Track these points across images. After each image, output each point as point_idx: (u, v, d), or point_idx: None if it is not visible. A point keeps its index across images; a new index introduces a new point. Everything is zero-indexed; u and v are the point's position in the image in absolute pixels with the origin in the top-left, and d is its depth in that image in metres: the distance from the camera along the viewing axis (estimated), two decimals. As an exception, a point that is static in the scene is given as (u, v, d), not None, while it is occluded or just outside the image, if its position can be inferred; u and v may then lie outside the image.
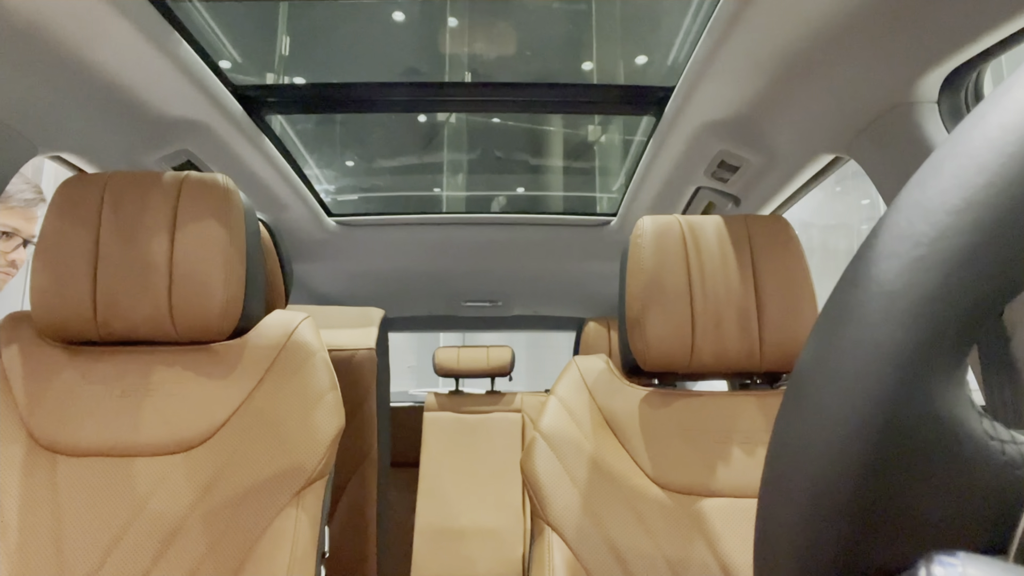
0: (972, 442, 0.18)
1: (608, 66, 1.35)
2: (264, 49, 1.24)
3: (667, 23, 1.16)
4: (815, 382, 0.19)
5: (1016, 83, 0.18)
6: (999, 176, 0.17)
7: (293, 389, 0.71)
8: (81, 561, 0.62)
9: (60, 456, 0.67)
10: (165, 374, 0.71)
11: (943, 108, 0.72)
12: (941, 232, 0.18)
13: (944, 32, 0.63)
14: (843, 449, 0.18)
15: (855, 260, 0.20)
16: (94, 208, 0.71)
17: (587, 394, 0.79)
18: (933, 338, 0.17)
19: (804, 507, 0.19)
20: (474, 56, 1.30)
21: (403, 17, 1.23)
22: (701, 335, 0.75)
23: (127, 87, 0.88)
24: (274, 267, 0.89)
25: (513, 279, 1.95)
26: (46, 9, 0.70)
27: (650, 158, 1.20)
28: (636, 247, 0.80)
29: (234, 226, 0.72)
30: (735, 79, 0.86)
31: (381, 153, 1.84)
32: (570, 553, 0.68)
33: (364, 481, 0.89)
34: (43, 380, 0.70)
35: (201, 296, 0.70)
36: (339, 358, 0.85)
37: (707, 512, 0.71)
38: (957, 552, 0.17)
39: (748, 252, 0.78)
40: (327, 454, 0.69)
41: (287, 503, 0.65)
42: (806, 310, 0.76)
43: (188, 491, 0.65)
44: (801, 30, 0.72)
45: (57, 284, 0.69)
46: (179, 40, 0.84)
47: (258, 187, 1.30)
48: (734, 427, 0.76)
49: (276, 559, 0.62)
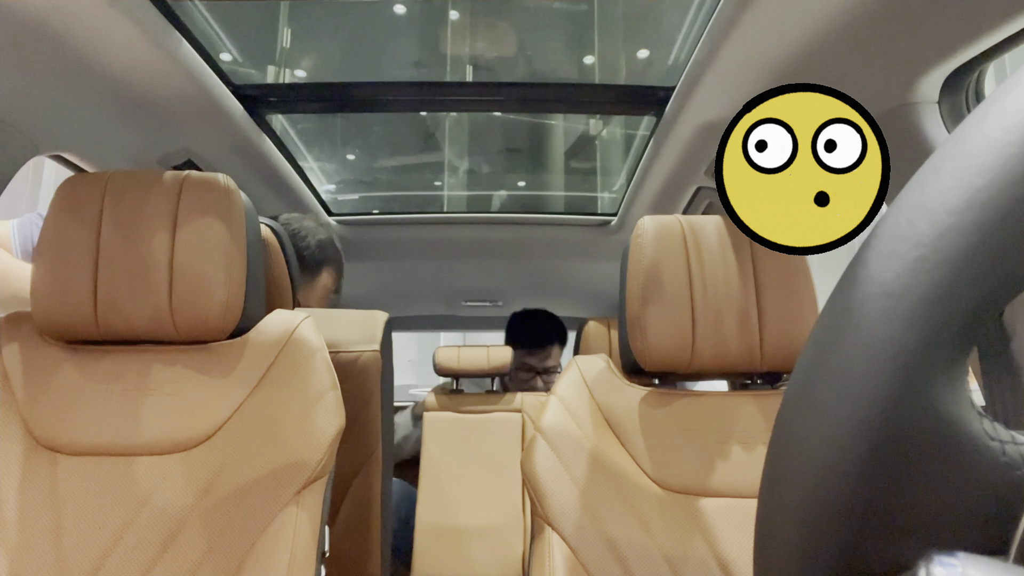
0: (972, 443, 0.18)
1: (609, 65, 1.35)
2: (265, 48, 1.24)
3: (667, 23, 1.16)
4: (815, 382, 0.19)
5: (1017, 83, 0.18)
6: (1000, 177, 0.17)
7: (293, 388, 0.71)
8: (81, 560, 0.62)
9: (60, 455, 0.67)
10: (165, 373, 0.71)
11: (944, 108, 0.72)
12: (941, 232, 0.18)
13: (945, 32, 0.63)
14: (843, 449, 0.18)
15: (855, 260, 0.20)
16: (95, 207, 0.71)
17: (587, 393, 0.79)
18: (933, 338, 0.17)
19: (804, 507, 0.19)
20: (475, 54, 1.30)
21: (404, 10, 1.23)
22: (701, 335, 0.75)
23: (128, 86, 0.88)
24: (280, 267, 0.89)
25: (513, 279, 1.94)
26: (47, 8, 0.70)
27: (650, 158, 1.20)
28: (636, 247, 0.80)
29: (235, 226, 0.72)
30: (735, 79, 0.86)
31: (381, 152, 1.84)
32: (570, 552, 0.68)
33: (368, 481, 0.89)
34: (43, 379, 0.70)
35: (201, 295, 0.70)
36: (345, 360, 0.85)
37: (707, 511, 0.71)
38: (957, 552, 0.17)
39: (748, 252, 0.78)
40: (327, 453, 0.69)
41: (287, 502, 0.65)
42: (806, 310, 0.76)
43: (188, 490, 0.65)
44: (801, 30, 0.72)
45: (58, 283, 0.69)
46: (180, 39, 0.84)
47: (258, 186, 1.30)
48: (734, 427, 0.76)
49: (276, 558, 0.62)
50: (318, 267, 1.12)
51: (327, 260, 1.13)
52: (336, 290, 1.18)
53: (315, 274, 1.12)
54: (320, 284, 1.12)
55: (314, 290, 1.12)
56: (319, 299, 1.14)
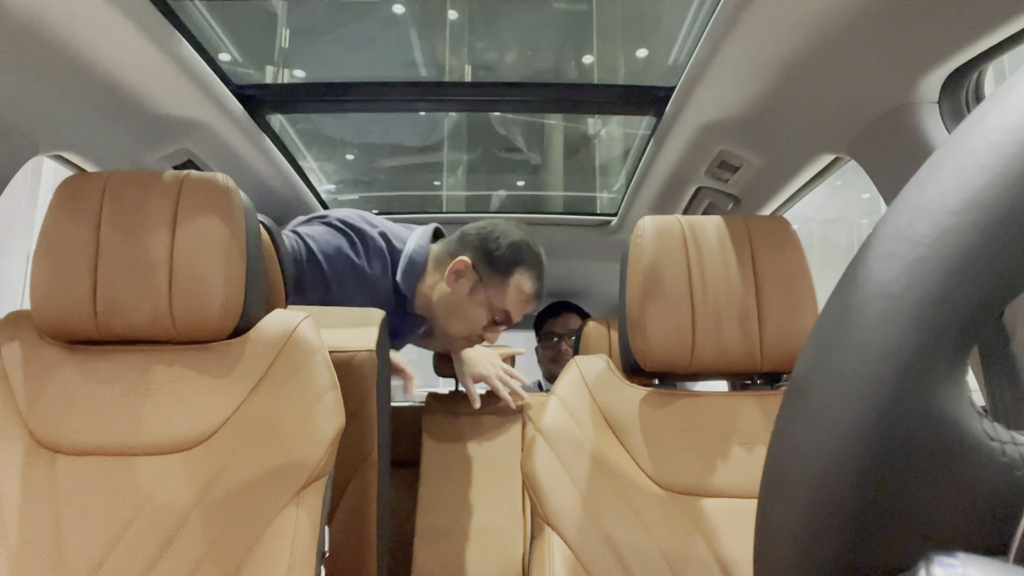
0: (972, 443, 0.18)
1: (608, 64, 1.35)
2: (264, 48, 1.24)
3: (667, 22, 1.16)
4: (815, 382, 0.19)
5: (1017, 84, 0.18)
6: (1000, 177, 0.17)
7: (293, 388, 0.71)
8: (81, 560, 0.62)
9: (60, 455, 0.67)
10: (165, 373, 0.71)
11: (944, 108, 0.72)
12: (942, 232, 0.18)
13: (945, 32, 0.63)
14: (843, 449, 0.18)
15: (855, 260, 0.20)
16: (94, 207, 0.71)
17: (587, 393, 0.79)
18: (933, 339, 0.17)
19: (804, 507, 0.19)
20: (474, 54, 1.30)
21: (403, 10, 1.23)
22: (701, 335, 0.75)
23: (127, 86, 0.88)
24: (274, 267, 0.89)
25: None
26: (46, 8, 0.70)
27: (650, 158, 1.20)
28: (636, 247, 0.80)
29: (234, 225, 0.72)
30: (735, 79, 0.86)
31: (381, 152, 1.84)
32: (570, 552, 0.68)
33: (365, 482, 0.88)
34: (43, 379, 0.70)
35: (201, 295, 0.70)
36: (340, 359, 0.84)
37: (707, 511, 0.71)
38: (957, 552, 0.17)
39: (748, 252, 0.78)
40: (327, 453, 0.69)
41: (287, 502, 0.65)
42: (806, 310, 0.76)
43: (188, 490, 0.65)
44: (802, 30, 0.72)
45: (57, 283, 0.69)
46: (179, 39, 0.84)
47: (258, 186, 1.30)
48: (734, 427, 0.76)
49: (276, 558, 0.62)
50: (510, 268, 1.10)
51: (520, 262, 1.10)
52: (537, 295, 1.14)
53: (507, 275, 1.10)
54: (512, 286, 1.10)
55: (506, 292, 1.10)
56: (514, 302, 1.11)
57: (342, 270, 1.07)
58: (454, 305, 1.11)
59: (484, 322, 1.11)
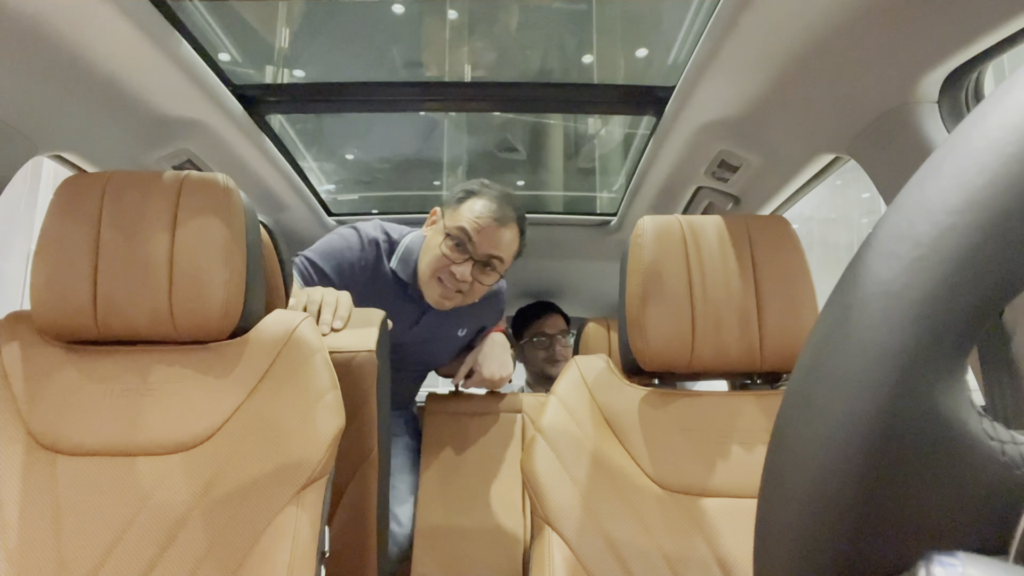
0: (972, 442, 0.18)
1: (608, 64, 1.35)
2: (264, 48, 1.24)
3: (667, 22, 1.16)
4: (815, 382, 0.19)
5: (1016, 83, 0.18)
6: (999, 176, 0.17)
7: (293, 388, 0.71)
8: (81, 561, 0.62)
9: (60, 455, 0.67)
10: (165, 373, 0.71)
11: (943, 108, 0.72)
12: (941, 232, 0.18)
13: (944, 32, 0.63)
14: (843, 449, 0.18)
15: (855, 260, 0.20)
16: (94, 207, 0.71)
17: (587, 393, 0.79)
18: (933, 339, 0.17)
19: (804, 507, 0.19)
20: (474, 54, 1.30)
21: (402, 10, 1.23)
22: (701, 335, 0.75)
23: (127, 86, 0.88)
24: (274, 267, 0.89)
25: (513, 279, 1.94)
26: (46, 8, 0.70)
27: (650, 158, 1.20)
28: (636, 247, 0.80)
29: (234, 225, 0.72)
30: (735, 79, 0.86)
31: (381, 152, 1.84)
32: (569, 552, 0.68)
33: (365, 482, 0.88)
34: (43, 379, 0.70)
35: (201, 295, 0.70)
36: (339, 360, 0.84)
37: (706, 511, 0.71)
38: (957, 552, 0.17)
39: (748, 252, 0.78)
40: (327, 453, 0.69)
41: (287, 502, 0.65)
42: (806, 310, 0.76)
43: (188, 490, 0.65)
44: (801, 30, 0.72)
45: (57, 283, 0.69)
46: (179, 39, 0.84)
47: (258, 186, 1.30)
48: (734, 427, 0.76)
49: (276, 558, 0.62)
50: (464, 197, 1.14)
51: (473, 192, 1.14)
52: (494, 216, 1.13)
53: (461, 202, 1.14)
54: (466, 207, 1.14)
55: (460, 212, 1.13)
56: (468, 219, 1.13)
57: (339, 260, 1.15)
58: (424, 248, 1.18)
59: (445, 247, 1.13)
